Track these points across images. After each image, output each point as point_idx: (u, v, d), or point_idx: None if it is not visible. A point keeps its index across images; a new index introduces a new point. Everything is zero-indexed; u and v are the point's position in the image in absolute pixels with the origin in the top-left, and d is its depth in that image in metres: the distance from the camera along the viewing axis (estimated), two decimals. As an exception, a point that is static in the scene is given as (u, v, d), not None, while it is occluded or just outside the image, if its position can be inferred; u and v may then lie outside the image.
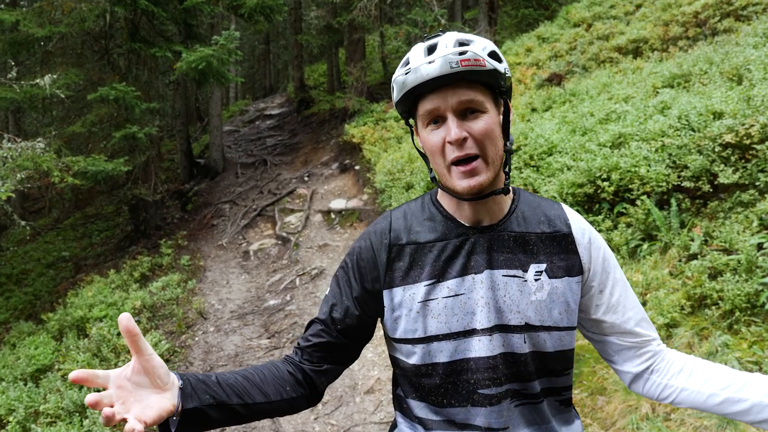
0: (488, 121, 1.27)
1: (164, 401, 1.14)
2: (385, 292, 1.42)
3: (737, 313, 3.58)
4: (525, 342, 1.36)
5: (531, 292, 1.35)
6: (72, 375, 1.02)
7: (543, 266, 1.37)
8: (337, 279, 1.50)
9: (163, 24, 12.06)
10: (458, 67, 1.22)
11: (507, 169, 1.37)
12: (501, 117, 1.35)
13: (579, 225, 1.42)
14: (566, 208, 1.46)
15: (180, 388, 1.20)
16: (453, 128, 1.25)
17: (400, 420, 1.53)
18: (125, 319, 1.06)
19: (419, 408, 1.46)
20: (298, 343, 1.50)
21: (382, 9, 14.59)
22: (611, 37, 10.31)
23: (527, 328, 1.35)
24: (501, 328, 1.35)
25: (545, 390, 1.42)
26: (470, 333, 1.35)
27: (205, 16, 12.51)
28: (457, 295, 1.35)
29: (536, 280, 1.36)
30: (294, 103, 20.97)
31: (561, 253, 1.38)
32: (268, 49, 29.54)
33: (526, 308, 1.35)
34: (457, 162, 1.27)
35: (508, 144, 1.36)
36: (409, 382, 1.46)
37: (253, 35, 28.74)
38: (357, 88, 14.61)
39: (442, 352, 1.37)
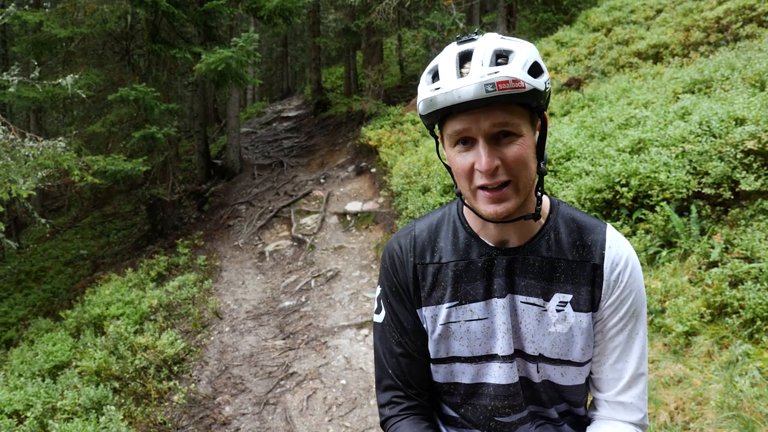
0: (522, 145, 1.16)
1: None
2: (417, 311, 1.39)
3: (758, 322, 3.52)
4: (538, 372, 1.32)
5: (550, 323, 1.28)
6: None
7: (569, 297, 1.28)
8: (384, 301, 1.44)
9: (183, 26, 12.17)
10: (495, 92, 1.09)
11: (539, 193, 1.27)
12: (537, 136, 1.23)
13: (613, 259, 1.27)
14: (611, 234, 1.31)
15: None
16: (484, 157, 1.13)
17: None
18: None
19: (447, 409, 1.46)
20: (386, 388, 1.45)
21: (401, 12, 14.60)
22: (631, 42, 10.23)
23: (541, 359, 1.31)
24: (519, 354, 1.32)
25: (563, 413, 1.40)
26: (491, 358, 1.33)
27: (225, 18, 12.60)
28: (481, 319, 1.31)
29: (558, 311, 1.28)
30: (311, 106, 21.07)
31: (588, 285, 1.27)
32: (286, 51, 29.71)
33: (542, 339, 1.29)
34: (484, 187, 1.18)
35: (541, 165, 1.24)
36: (437, 389, 1.45)
37: (272, 37, 28.90)
38: (374, 90, 14.63)
39: (464, 374, 1.36)
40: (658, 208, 4.78)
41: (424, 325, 1.37)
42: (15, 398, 5.30)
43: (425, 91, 1.18)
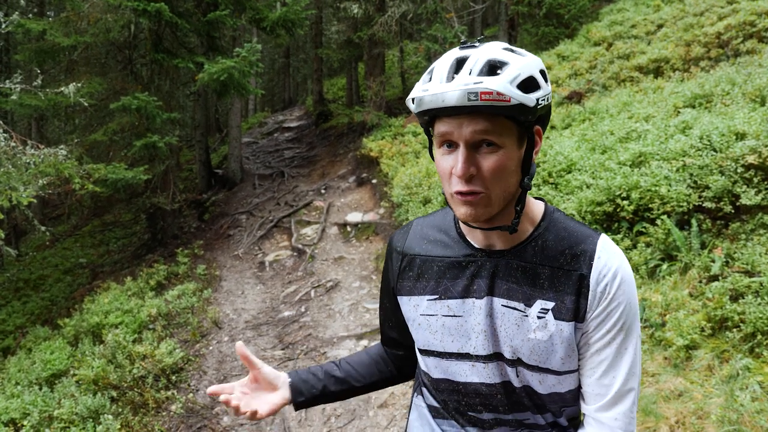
0: (502, 157, 1.16)
1: (276, 398, 1.49)
2: (398, 298, 1.48)
3: (759, 336, 3.51)
4: (517, 376, 1.32)
5: (530, 329, 1.27)
6: (209, 390, 1.42)
7: (551, 304, 1.26)
8: (381, 288, 1.61)
9: (186, 36, 12.22)
10: (476, 101, 1.09)
11: (518, 207, 1.26)
12: (523, 151, 1.22)
13: (601, 270, 1.24)
14: (602, 244, 1.28)
15: (290, 384, 1.52)
16: (460, 162, 1.15)
17: (418, 403, 1.57)
18: (240, 347, 1.42)
19: (430, 398, 1.51)
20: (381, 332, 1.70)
21: (403, 25, 14.68)
22: (632, 57, 10.28)
23: (519, 363, 1.30)
24: (498, 357, 1.32)
25: (551, 424, 1.39)
26: (463, 356, 1.34)
27: (228, 28, 12.65)
28: (456, 316, 1.33)
29: (539, 317, 1.26)
30: (312, 116, 21.14)
31: (572, 294, 1.24)
32: (288, 62, 29.85)
33: (520, 344, 1.28)
34: (459, 192, 1.19)
35: (525, 179, 1.23)
36: (421, 374, 1.54)
37: (274, 48, 29.05)
38: (376, 102, 14.68)
39: (436, 368, 1.41)
40: (658, 222, 4.78)
41: (403, 310, 1.47)
42: (12, 406, 5.27)
43: (417, 90, 1.20)
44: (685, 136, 5.55)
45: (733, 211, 4.54)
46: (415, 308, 1.41)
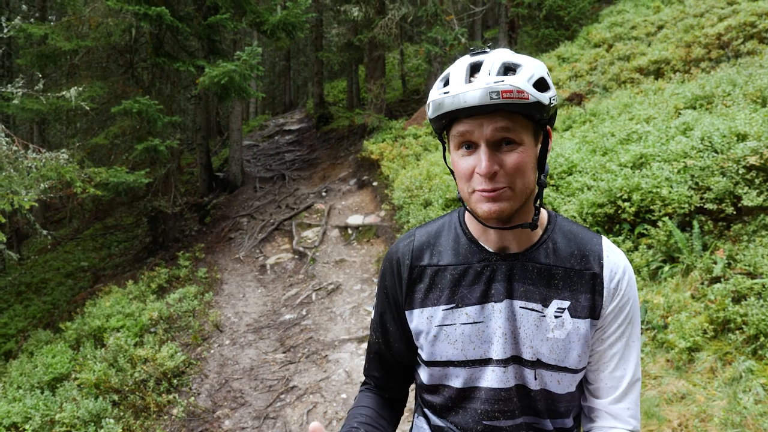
0: (522, 154, 1.20)
1: None
2: (407, 313, 1.43)
3: (762, 338, 3.51)
4: (535, 379, 1.33)
5: (548, 328, 1.31)
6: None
7: (566, 303, 1.31)
8: (376, 300, 1.54)
9: (186, 39, 12.25)
10: (498, 99, 1.14)
11: (537, 204, 1.31)
12: (538, 148, 1.27)
13: (612, 268, 1.32)
14: (606, 244, 1.36)
15: None
16: (484, 160, 1.18)
17: (420, 424, 1.54)
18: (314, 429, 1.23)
19: (435, 419, 1.48)
20: (365, 370, 1.62)
21: (403, 27, 14.70)
22: (632, 58, 10.28)
23: (539, 364, 1.32)
24: (516, 360, 1.33)
25: (558, 429, 1.41)
26: (485, 362, 1.34)
27: (229, 32, 12.66)
28: (476, 322, 1.33)
29: (557, 317, 1.31)
30: (313, 119, 21.15)
31: (587, 293, 1.31)
32: (289, 65, 29.86)
33: (540, 345, 1.31)
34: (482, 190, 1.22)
35: (542, 177, 1.29)
36: (423, 393, 1.50)
37: (275, 51, 29.09)
38: (376, 104, 14.69)
39: (458, 378, 1.38)
40: (660, 223, 4.77)
41: (412, 326, 1.42)
42: (13, 410, 5.27)
43: (435, 94, 1.24)
44: (686, 137, 5.54)
45: (734, 212, 4.53)
46: (428, 320, 1.38)
